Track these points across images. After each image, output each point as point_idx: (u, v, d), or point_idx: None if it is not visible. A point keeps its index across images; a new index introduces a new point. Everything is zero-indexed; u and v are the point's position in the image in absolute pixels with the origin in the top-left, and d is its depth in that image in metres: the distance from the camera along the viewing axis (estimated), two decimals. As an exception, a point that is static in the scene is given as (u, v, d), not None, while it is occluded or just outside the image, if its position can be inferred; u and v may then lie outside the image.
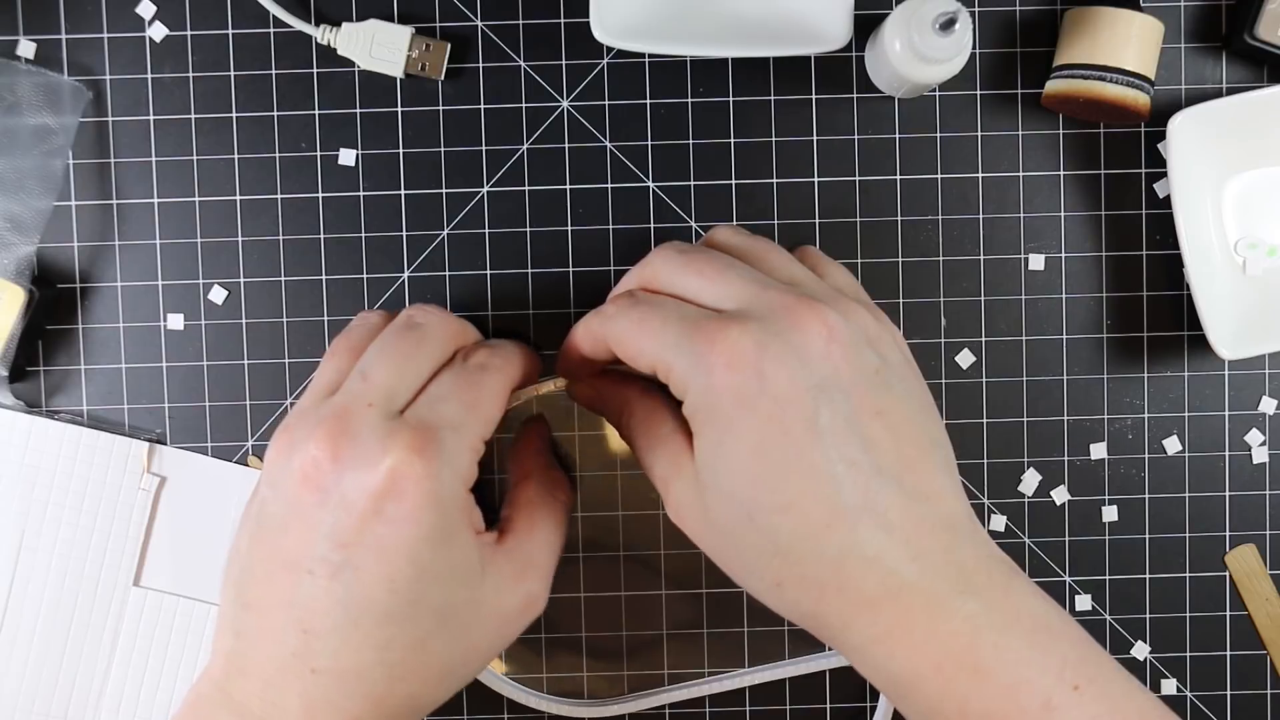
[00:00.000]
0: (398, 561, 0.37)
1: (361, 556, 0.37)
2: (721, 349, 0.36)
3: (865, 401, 0.36)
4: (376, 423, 0.37)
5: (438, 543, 0.37)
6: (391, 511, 0.37)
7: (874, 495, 0.36)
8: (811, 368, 0.36)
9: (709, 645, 0.50)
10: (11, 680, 0.49)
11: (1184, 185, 0.47)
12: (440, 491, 0.37)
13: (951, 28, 0.42)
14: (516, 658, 0.50)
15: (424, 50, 0.48)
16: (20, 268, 0.48)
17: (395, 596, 0.37)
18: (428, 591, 0.38)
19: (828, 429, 0.36)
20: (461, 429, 0.39)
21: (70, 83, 0.48)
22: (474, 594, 0.39)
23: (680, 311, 0.38)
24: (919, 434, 0.38)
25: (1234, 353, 0.47)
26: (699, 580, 0.50)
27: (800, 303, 0.37)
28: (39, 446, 0.49)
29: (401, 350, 0.40)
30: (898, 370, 0.38)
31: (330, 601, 0.37)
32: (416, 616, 0.38)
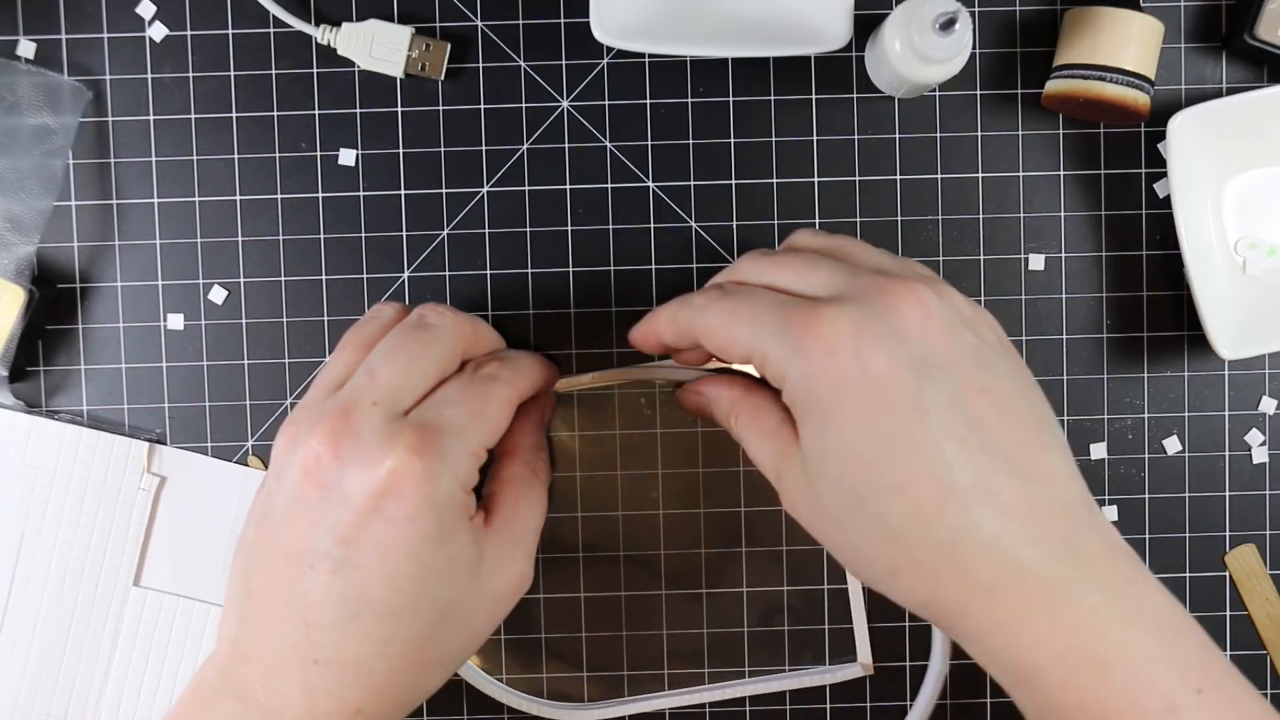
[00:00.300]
0: (398, 559, 0.37)
1: (362, 553, 0.37)
2: (817, 333, 0.36)
3: (968, 379, 0.35)
4: (379, 422, 0.38)
5: (437, 541, 0.38)
6: (391, 510, 0.37)
7: (986, 475, 0.34)
8: (910, 345, 0.35)
9: (709, 646, 0.50)
10: (11, 680, 0.49)
11: (1184, 185, 0.47)
12: (439, 494, 0.38)
13: (951, 28, 0.42)
14: (516, 661, 0.50)
15: (424, 50, 0.48)
16: (20, 268, 0.48)
17: (396, 593, 0.37)
18: (429, 587, 0.38)
19: (932, 406, 0.35)
20: (464, 435, 0.39)
21: (70, 83, 0.48)
22: (473, 584, 0.39)
23: (773, 299, 0.38)
24: (1027, 413, 0.36)
25: (1234, 353, 0.47)
26: (699, 581, 0.50)
27: (893, 282, 0.36)
28: (39, 446, 0.49)
29: (409, 350, 0.40)
30: (997, 350, 0.37)
31: (331, 596, 0.37)
32: (417, 612, 0.38)
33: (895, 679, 0.50)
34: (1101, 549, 0.35)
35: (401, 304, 0.44)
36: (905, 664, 0.50)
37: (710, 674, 0.50)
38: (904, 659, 0.50)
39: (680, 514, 0.50)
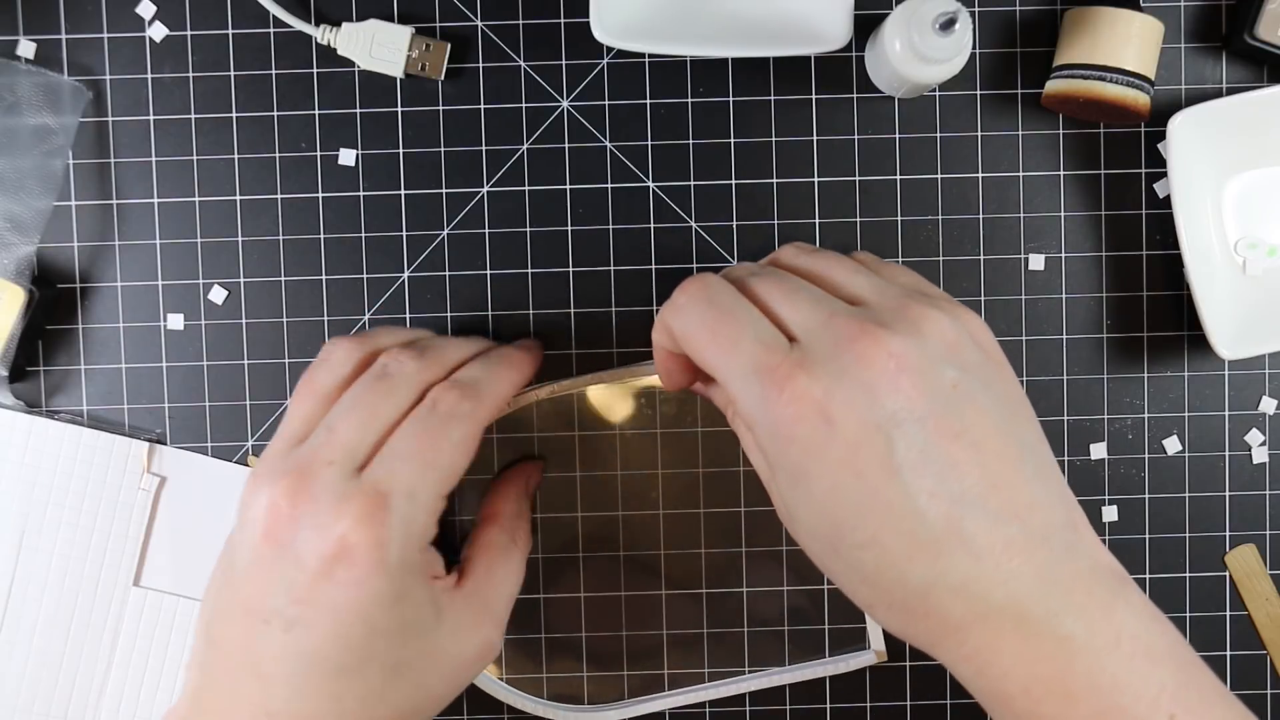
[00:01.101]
0: (349, 620, 0.38)
1: (314, 613, 0.38)
2: (789, 398, 0.35)
3: (942, 425, 0.35)
4: (333, 483, 0.38)
5: (388, 604, 0.38)
6: (341, 575, 0.38)
7: (957, 523, 0.35)
8: (881, 403, 0.35)
9: (709, 646, 0.50)
10: (11, 680, 0.49)
11: (1184, 185, 0.47)
12: (388, 559, 0.38)
13: (951, 28, 0.42)
14: (516, 661, 0.50)
15: (424, 50, 0.48)
16: (20, 268, 0.48)
17: (348, 653, 0.38)
18: (380, 648, 0.39)
19: (903, 464, 0.35)
20: (415, 493, 0.39)
21: (70, 83, 0.48)
22: (427, 644, 0.40)
23: (755, 334, 0.37)
24: (1005, 444, 0.36)
25: (1234, 353, 0.47)
26: (699, 581, 0.50)
27: (864, 333, 0.36)
28: (39, 446, 0.49)
29: (369, 403, 0.41)
30: (979, 376, 0.37)
31: (283, 652, 0.38)
32: (368, 671, 0.39)
33: (896, 679, 0.50)
34: (1079, 577, 0.35)
35: (356, 340, 0.44)
36: (905, 664, 0.50)
37: (710, 674, 0.50)
38: (904, 659, 0.50)
39: (680, 514, 0.50)
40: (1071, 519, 0.37)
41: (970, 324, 0.38)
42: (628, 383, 0.49)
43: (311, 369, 0.43)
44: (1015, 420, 0.37)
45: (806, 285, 0.39)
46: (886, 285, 0.39)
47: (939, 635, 0.36)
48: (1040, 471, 0.37)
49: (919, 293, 0.39)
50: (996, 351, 0.39)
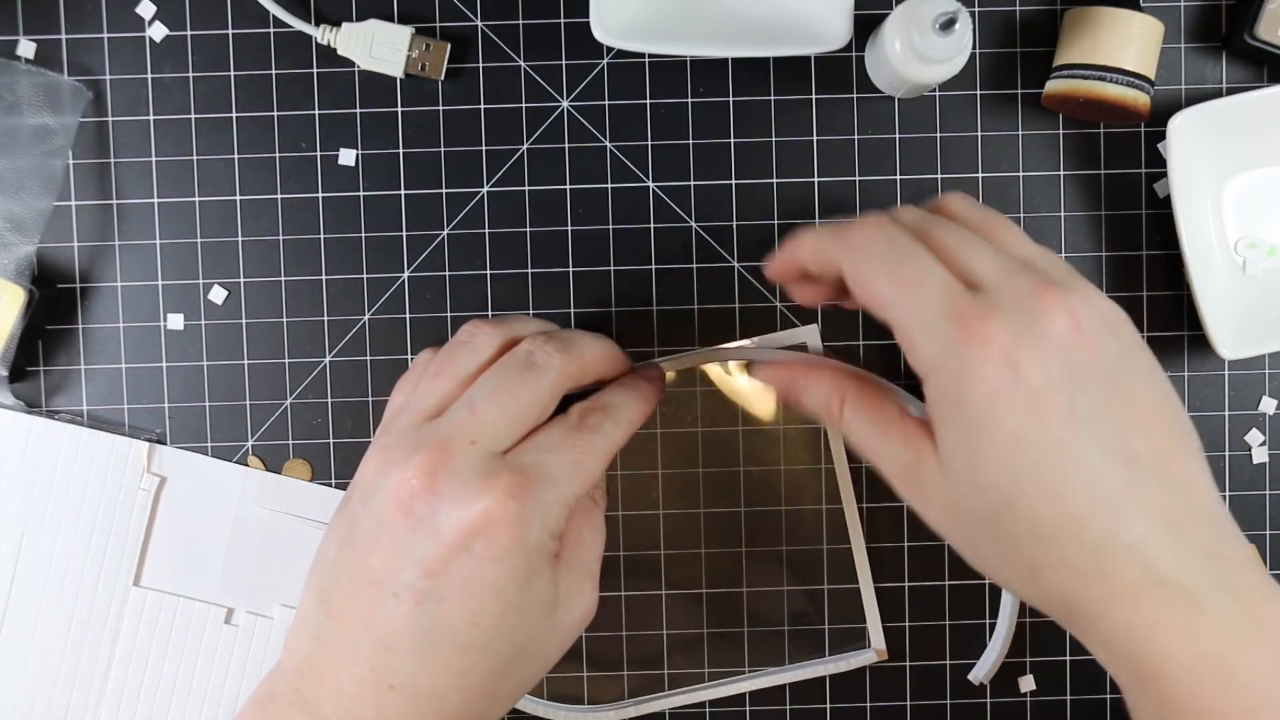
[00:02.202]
0: (483, 597, 0.38)
1: (447, 588, 0.38)
2: (980, 342, 0.36)
3: (1115, 389, 0.36)
4: (477, 461, 0.38)
5: (521, 583, 0.38)
6: (480, 550, 0.38)
7: (1133, 482, 0.35)
8: (1063, 356, 0.36)
9: (709, 646, 0.50)
10: (11, 680, 0.49)
11: (1184, 185, 0.47)
12: (528, 539, 0.38)
13: (951, 28, 0.42)
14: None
15: (424, 50, 0.48)
16: (20, 268, 0.48)
17: (477, 630, 0.38)
18: (510, 626, 0.39)
19: (1085, 417, 0.35)
20: (559, 484, 0.39)
21: (70, 83, 0.48)
22: (549, 621, 0.40)
23: (938, 279, 0.37)
24: (1167, 420, 0.37)
25: (1234, 353, 0.47)
26: (699, 581, 0.50)
27: (1048, 289, 0.36)
28: (39, 446, 0.49)
29: (513, 390, 0.40)
30: (1138, 356, 0.38)
31: (411, 626, 0.38)
32: (497, 649, 0.39)
33: (896, 679, 0.50)
34: (1240, 561, 0.36)
35: (498, 325, 0.43)
36: (905, 664, 0.50)
37: (710, 674, 0.50)
38: (904, 659, 0.50)
39: (680, 514, 0.50)
40: (1225, 508, 0.37)
41: (1123, 313, 0.39)
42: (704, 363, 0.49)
43: (451, 349, 0.43)
44: (1171, 402, 0.38)
45: (980, 241, 0.39)
46: (1051, 257, 0.40)
47: (1108, 601, 0.35)
48: (1197, 456, 0.37)
49: (1075, 271, 0.40)
50: (1145, 345, 0.39)
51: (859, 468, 0.50)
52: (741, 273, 0.49)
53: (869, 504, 0.50)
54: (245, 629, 0.50)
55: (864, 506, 0.50)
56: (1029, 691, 0.50)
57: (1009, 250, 0.39)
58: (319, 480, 0.50)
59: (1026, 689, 0.50)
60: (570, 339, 0.43)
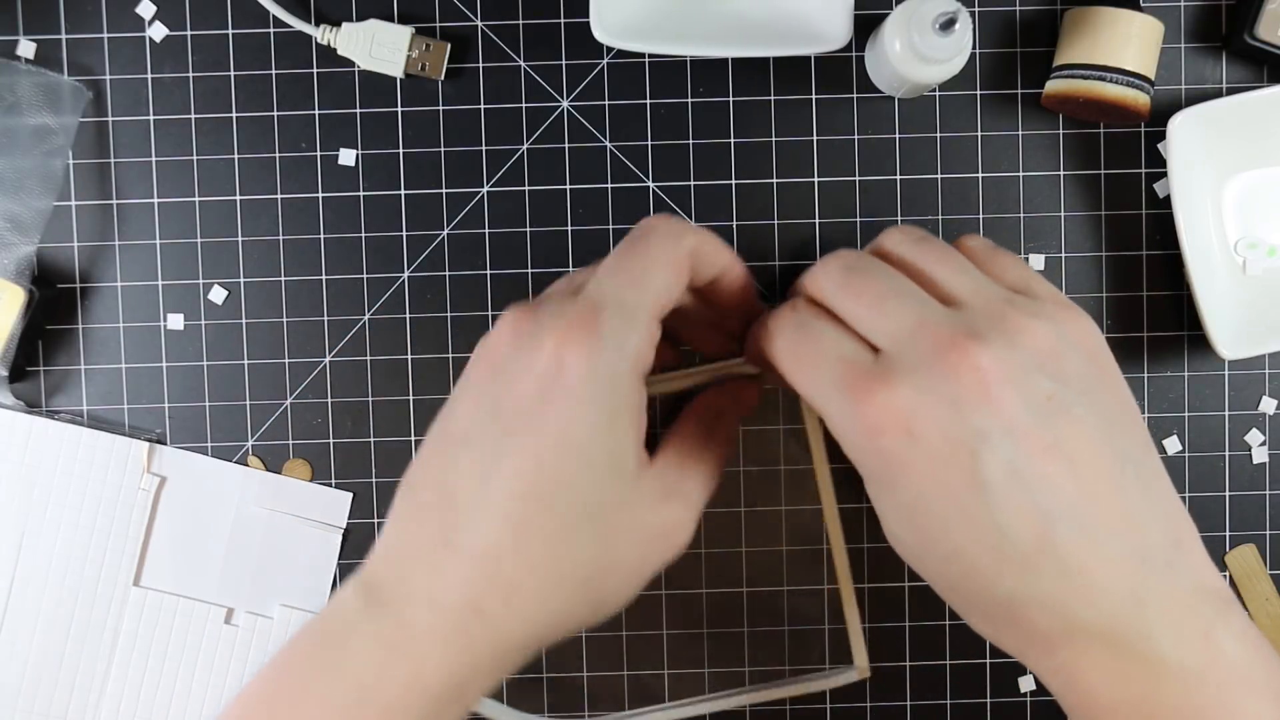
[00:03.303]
0: (550, 436, 0.36)
1: (516, 429, 0.36)
2: (872, 409, 0.35)
3: (1033, 439, 0.34)
4: (553, 306, 0.37)
5: (594, 424, 0.36)
6: (552, 389, 0.36)
7: (1047, 539, 0.34)
8: (968, 417, 0.34)
9: (709, 648, 0.50)
10: (11, 680, 0.49)
11: (1184, 185, 0.47)
12: (599, 370, 0.36)
13: (951, 28, 0.42)
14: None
15: (424, 50, 0.48)
16: (20, 268, 0.48)
17: (541, 473, 0.36)
18: (576, 474, 0.36)
19: (990, 479, 0.34)
20: (627, 305, 0.37)
21: (70, 83, 0.48)
22: (624, 494, 0.37)
23: (837, 350, 0.37)
24: (1102, 457, 0.35)
25: (1234, 353, 0.47)
26: (699, 581, 0.50)
27: (953, 346, 0.35)
28: (39, 446, 0.49)
29: (616, 255, 0.39)
30: (1078, 386, 0.35)
31: (476, 471, 0.36)
32: (558, 500, 0.36)
33: (896, 678, 0.50)
34: (1176, 598, 0.34)
35: (674, 219, 0.42)
36: (905, 664, 0.50)
37: (711, 674, 0.50)
38: (904, 659, 0.50)
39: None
40: (1177, 535, 0.35)
41: (1075, 328, 0.37)
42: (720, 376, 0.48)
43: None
44: (1116, 431, 0.35)
45: (901, 285, 0.38)
46: (988, 286, 0.38)
47: (1025, 647, 0.36)
48: (1144, 485, 0.35)
49: (1024, 293, 0.38)
50: (1103, 355, 0.37)
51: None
52: (741, 273, 0.49)
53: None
54: (245, 629, 0.50)
55: (845, 506, 0.50)
56: (1029, 691, 0.50)
57: (939, 287, 0.38)
58: (319, 480, 0.50)
59: (1026, 689, 0.50)
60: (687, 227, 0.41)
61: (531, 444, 0.36)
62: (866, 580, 0.50)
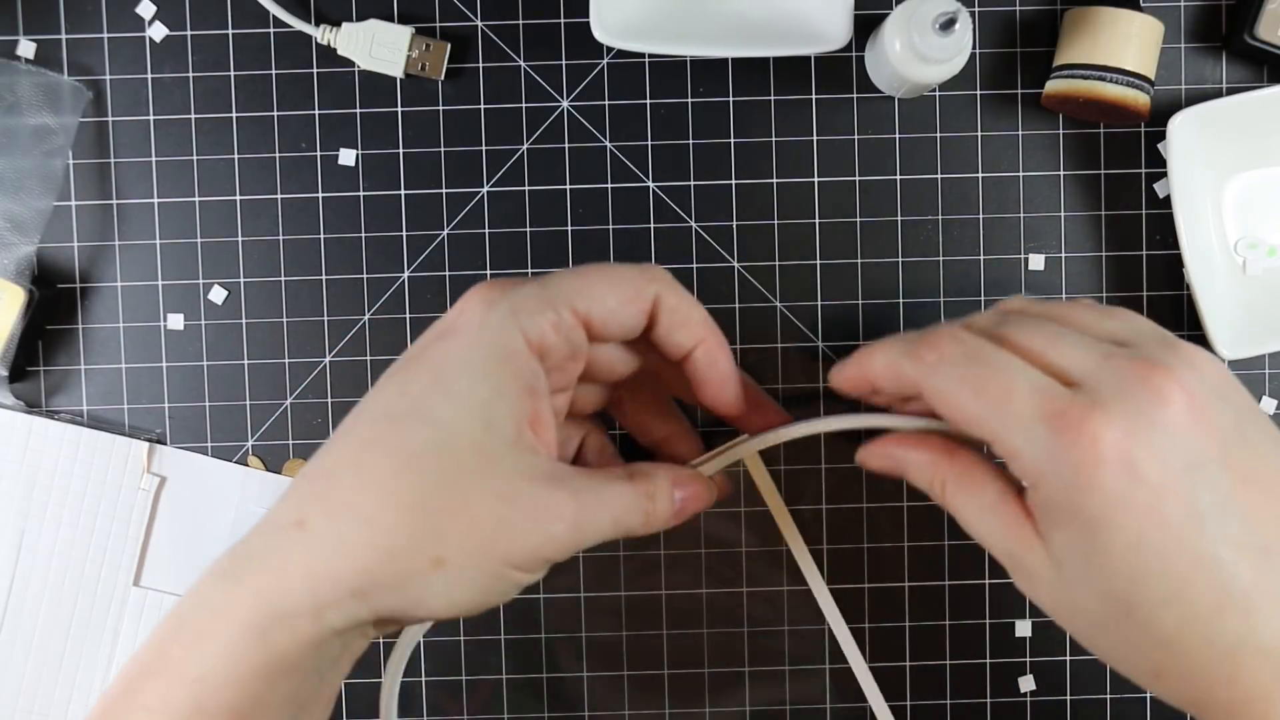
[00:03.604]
0: (422, 369, 0.36)
1: (399, 368, 0.36)
2: (1088, 443, 0.32)
3: (1235, 467, 0.33)
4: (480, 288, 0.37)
5: (468, 366, 0.35)
6: (445, 333, 0.36)
7: (1265, 576, 0.32)
8: (1181, 444, 0.32)
9: (708, 645, 0.50)
10: (11, 680, 0.49)
11: (1184, 185, 0.47)
12: (489, 321, 0.35)
13: (951, 28, 0.42)
14: (517, 682, 0.50)
15: (424, 50, 0.48)
16: (20, 268, 0.48)
17: (402, 399, 0.35)
18: (435, 405, 0.35)
19: (1208, 511, 0.32)
20: (546, 284, 0.36)
21: (70, 83, 0.48)
22: (492, 447, 0.35)
23: (1031, 381, 0.34)
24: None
25: (1234, 353, 0.47)
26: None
27: (1153, 369, 0.33)
28: (39, 446, 0.49)
29: (588, 265, 0.39)
30: (1249, 415, 0.34)
31: (355, 412, 0.36)
32: (412, 424, 0.34)
33: (896, 679, 0.50)
34: None
35: None
36: (905, 664, 0.50)
37: (711, 674, 0.50)
38: (904, 659, 0.50)
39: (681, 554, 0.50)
40: None
41: (1218, 363, 0.36)
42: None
43: None
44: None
45: (1064, 329, 0.36)
46: (1138, 324, 0.37)
47: (1239, 708, 0.33)
48: None
49: (1167, 333, 0.37)
50: (1245, 391, 0.36)
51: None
52: (741, 273, 0.49)
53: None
54: (245, 629, 0.50)
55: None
56: (1029, 691, 0.50)
57: (1092, 331, 0.36)
58: (319, 480, 0.50)
59: (1026, 689, 0.50)
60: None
61: (402, 375, 0.36)
62: (866, 580, 0.50)
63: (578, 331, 0.37)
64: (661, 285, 0.38)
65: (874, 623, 0.50)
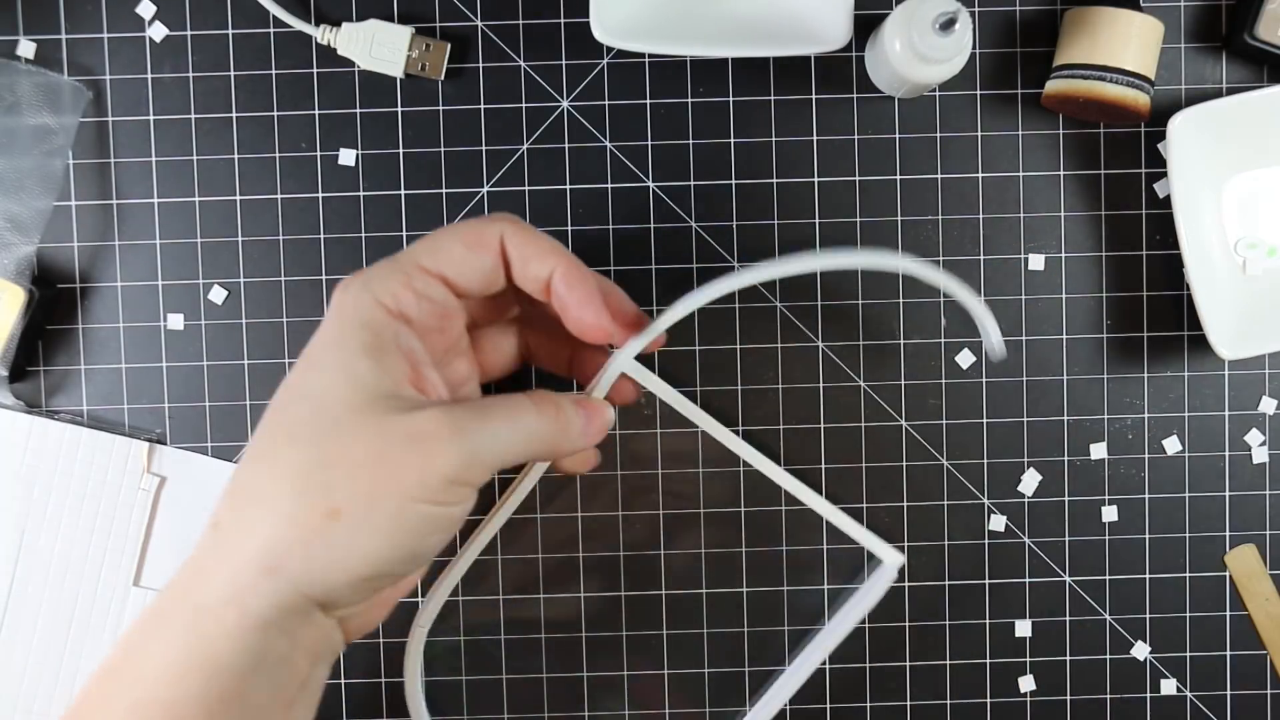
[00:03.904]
0: (300, 362, 0.38)
1: (287, 375, 0.39)
2: None
3: None
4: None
5: (328, 341, 0.37)
6: (310, 340, 0.38)
7: None
8: None
9: (709, 645, 0.50)
10: (11, 680, 0.49)
11: (1184, 185, 0.47)
12: (346, 301, 0.38)
13: (951, 28, 0.42)
14: (516, 682, 0.50)
15: (424, 50, 0.48)
16: (20, 268, 0.48)
17: (284, 391, 0.38)
18: (308, 383, 0.37)
19: None
20: (395, 256, 0.39)
21: (70, 83, 0.48)
22: (357, 399, 0.36)
23: None
24: None
25: (1234, 353, 0.47)
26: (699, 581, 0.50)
27: None
28: (39, 446, 0.49)
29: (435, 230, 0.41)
30: None
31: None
32: (291, 408, 0.37)
33: (896, 678, 0.50)
34: None
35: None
36: (905, 664, 0.50)
37: (710, 674, 0.50)
38: (904, 659, 0.50)
39: (680, 553, 0.50)
40: None
41: None
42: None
43: None
44: None
45: None
46: None
47: None
48: None
49: None
50: None
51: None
52: (741, 273, 0.49)
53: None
54: (245, 629, 0.50)
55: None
56: (1029, 691, 0.50)
57: None
58: (319, 480, 0.50)
59: (1026, 689, 0.50)
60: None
61: (288, 375, 0.38)
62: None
63: (436, 287, 0.39)
64: (504, 225, 0.40)
65: (874, 623, 0.50)
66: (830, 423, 0.50)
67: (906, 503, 0.50)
